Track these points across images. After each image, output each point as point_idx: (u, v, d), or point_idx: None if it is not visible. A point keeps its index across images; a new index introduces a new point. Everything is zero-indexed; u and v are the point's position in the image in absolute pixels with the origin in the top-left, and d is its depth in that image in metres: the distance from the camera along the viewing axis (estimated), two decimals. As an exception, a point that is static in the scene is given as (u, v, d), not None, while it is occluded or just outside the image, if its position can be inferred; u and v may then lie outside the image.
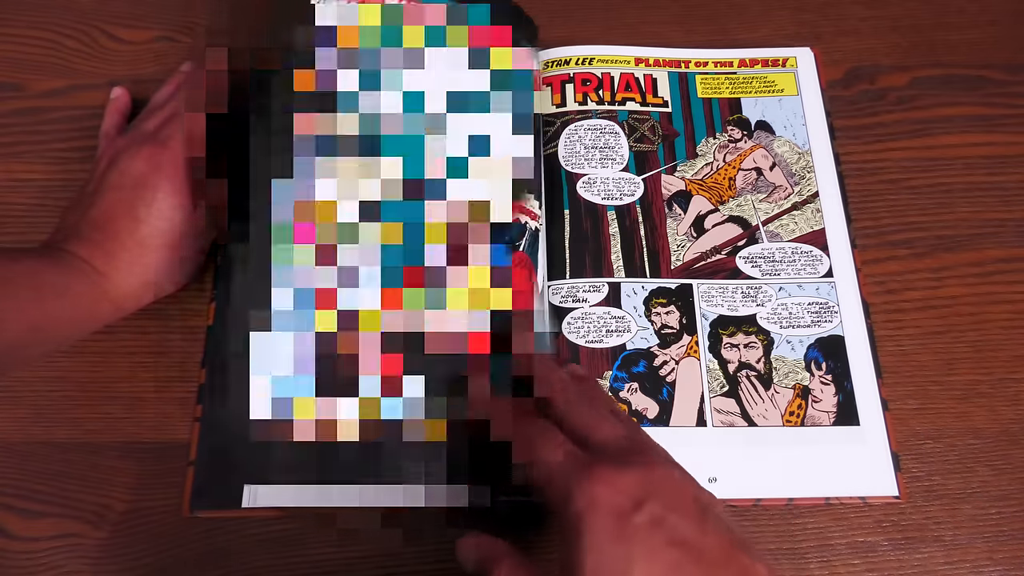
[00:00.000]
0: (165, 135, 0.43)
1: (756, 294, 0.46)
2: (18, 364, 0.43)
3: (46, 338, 0.38)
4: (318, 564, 0.42)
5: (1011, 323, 0.47)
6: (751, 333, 0.45)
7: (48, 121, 0.53)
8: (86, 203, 0.41)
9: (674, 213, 0.49)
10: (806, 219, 0.48)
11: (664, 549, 0.27)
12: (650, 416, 0.43)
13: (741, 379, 0.44)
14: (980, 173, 0.51)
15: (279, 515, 0.42)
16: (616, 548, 0.27)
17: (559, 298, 0.46)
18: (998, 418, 0.45)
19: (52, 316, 0.38)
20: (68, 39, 0.55)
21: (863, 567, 0.42)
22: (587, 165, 0.49)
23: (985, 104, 0.53)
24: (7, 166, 0.51)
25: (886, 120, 0.52)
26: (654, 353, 0.45)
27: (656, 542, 0.27)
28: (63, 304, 0.38)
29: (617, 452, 0.31)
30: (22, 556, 0.42)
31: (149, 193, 0.41)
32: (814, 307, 0.46)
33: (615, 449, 0.32)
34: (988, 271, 0.48)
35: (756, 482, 0.42)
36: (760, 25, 0.56)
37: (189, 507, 0.42)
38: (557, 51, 0.53)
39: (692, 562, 0.27)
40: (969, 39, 0.55)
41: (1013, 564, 0.41)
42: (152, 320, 0.46)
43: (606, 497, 0.28)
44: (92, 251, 0.40)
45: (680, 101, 0.52)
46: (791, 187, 0.49)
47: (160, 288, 0.43)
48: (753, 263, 0.47)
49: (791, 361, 0.45)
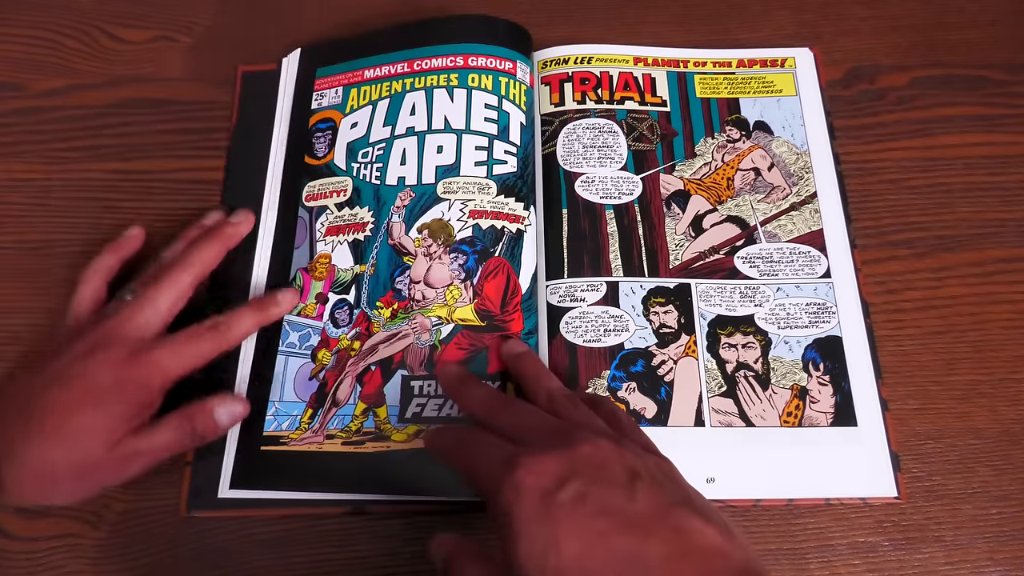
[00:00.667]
0: (151, 357, 0.39)
1: (754, 294, 0.46)
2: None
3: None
4: (318, 564, 0.42)
5: (1011, 323, 0.47)
6: (749, 333, 0.45)
7: (48, 121, 0.53)
8: (39, 382, 0.39)
9: (672, 212, 0.48)
10: (804, 220, 0.48)
11: (589, 520, 0.28)
12: (648, 416, 0.43)
13: (739, 379, 0.44)
14: (980, 173, 0.51)
15: (279, 515, 0.42)
16: (542, 529, 0.28)
17: (557, 297, 0.46)
18: (999, 418, 0.44)
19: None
20: (68, 39, 0.55)
21: (864, 567, 0.41)
22: (585, 164, 0.49)
23: (985, 104, 0.53)
24: (7, 166, 0.52)
25: (886, 120, 0.52)
26: (652, 352, 0.45)
27: (580, 515, 0.28)
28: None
29: (543, 438, 0.32)
30: (22, 556, 0.42)
31: (91, 416, 0.38)
32: (812, 308, 0.46)
33: (541, 436, 0.33)
34: (988, 271, 0.48)
35: (755, 483, 0.42)
36: (760, 25, 0.56)
37: (186, 507, 0.42)
38: (555, 50, 0.53)
39: (618, 528, 0.28)
40: (969, 39, 0.55)
41: (1014, 564, 0.41)
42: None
43: (529, 482, 0.29)
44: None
45: (678, 101, 0.52)
46: (789, 188, 0.49)
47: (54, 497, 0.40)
48: (751, 263, 0.47)
49: (789, 362, 0.44)
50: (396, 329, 0.44)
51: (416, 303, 0.45)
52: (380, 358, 0.44)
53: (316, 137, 0.50)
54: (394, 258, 0.46)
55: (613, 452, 0.31)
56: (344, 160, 0.49)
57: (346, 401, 0.43)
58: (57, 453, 0.37)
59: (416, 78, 0.50)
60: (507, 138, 0.48)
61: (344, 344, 0.45)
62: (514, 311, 0.44)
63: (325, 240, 0.47)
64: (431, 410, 0.42)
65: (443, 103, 0.49)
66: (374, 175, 0.48)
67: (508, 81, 0.50)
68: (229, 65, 0.54)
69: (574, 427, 0.33)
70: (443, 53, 0.50)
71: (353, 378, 0.44)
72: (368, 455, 0.41)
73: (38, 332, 0.47)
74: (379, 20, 0.56)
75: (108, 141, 0.52)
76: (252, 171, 0.50)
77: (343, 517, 0.43)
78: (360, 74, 0.52)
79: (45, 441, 0.37)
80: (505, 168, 0.48)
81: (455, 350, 0.43)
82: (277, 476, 0.42)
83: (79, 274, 0.44)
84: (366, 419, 0.43)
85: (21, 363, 0.42)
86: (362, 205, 0.48)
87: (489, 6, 0.56)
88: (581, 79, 0.52)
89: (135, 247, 0.47)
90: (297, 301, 0.46)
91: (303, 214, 0.48)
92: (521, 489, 0.29)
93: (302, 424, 0.43)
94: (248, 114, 0.52)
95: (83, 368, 0.38)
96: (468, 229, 0.46)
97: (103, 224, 0.50)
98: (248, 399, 0.43)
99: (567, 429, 0.33)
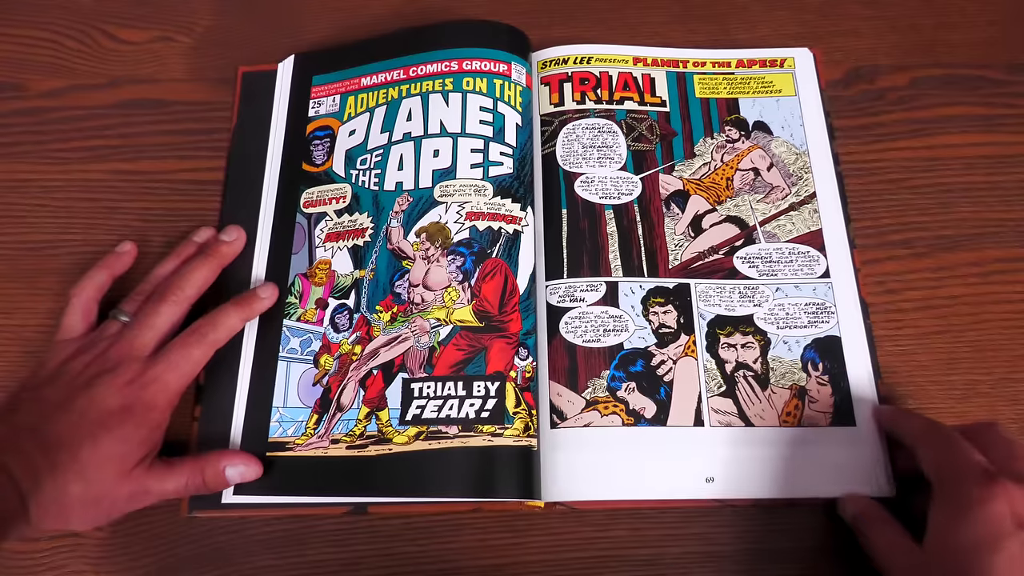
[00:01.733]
0: (153, 376, 0.39)
1: (753, 294, 0.46)
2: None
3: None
4: (318, 564, 0.42)
5: (1011, 323, 0.47)
6: (748, 333, 0.45)
7: (48, 121, 0.53)
8: (43, 410, 0.38)
9: (672, 212, 0.48)
10: (803, 220, 0.48)
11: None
12: (648, 415, 0.43)
13: (738, 379, 0.44)
14: (980, 173, 0.51)
15: (279, 515, 0.43)
16: (989, 554, 0.33)
17: (556, 297, 0.46)
18: (998, 418, 0.44)
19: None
20: (68, 39, 0.55)
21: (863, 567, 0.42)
22: (585, 164, 0.49)
23: (985, 104, 0.53)
24: (7, 166, 0.52)
25: (886, 120, 0.52)
26: (652, 352, 0.45)
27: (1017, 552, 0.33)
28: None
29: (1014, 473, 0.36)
30: (23, 556, 0.42)
31: (105, 445, 0.37)
32: (811, 308, 0.46)
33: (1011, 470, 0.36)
34: (988, 271, 0.48)
35: (755, 483, 0.42)
36: (760, 25, 0.56)
37: (188, 507, 0.42)
38: (555, 50, 0.53)
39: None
40: (969, 39, 0.55)
41: (1012, 565, 0.41)
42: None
43: (1000, 503, 0.33)
44: (24, 471, 0.36)
45: (678, 101, 0.52)
46: (788, 188, 0.49)
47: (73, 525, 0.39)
48: (750, 263, 0.47)
49: (788, 362, 0.45)
50: (396, 332, 0.45)
51: (415, 306, 0.45)
52: (381, 362, 0.44)
53: (314, 144, 0.50)
54: (393, 262, 0.46)
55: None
56: (343, 167, 0.49)
57: (350, 406, 0.43)
58: (75, 486, 0.37)
59: (412, 84, 0.50)
60: (503, 140, 0.48)
61: (346, 349, 0.45)
62: (512, 311, 0.44)
63: (324, 246, 0.47)
64: (431, 411, 0.42)
65: (439, 107, 0.49)
66: (372, 181, 0.48)
67: (503, 83, 0.50)
68: (229, 65, 0.54)
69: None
70: (438, 59, 0.50)
71: (356, 382, 0.44)
72: (371, 459, 0.42)
73: (39, 332, 0.47)
74: (379, 20, 0.56)
75: (108, 141, 0.52)
76: (252, 172, 0.51)
77: (343, 517, 0.43)
78: (357, 82, 0.52)
79: (64, 474, 0.36)
80: (501, 170, 0.48)
81: (454, 351, 0.43)
82: (282, 482, 0.42)
83: (69, 290, 0.44)
84: (369, 423, 0.43)
85: (18, 384, 0.41)
86: (361, 211, 0.48)
87: (489, 7, 0.56)
88: (581, 79, 0.52)
89: (127, 263, 0.47)
90: (277, 294, 0.46)
91: (301, 220, 0.49)
92: (992, 505, 0.33)
93: (308, 430, 0.43)
94: (249, 114, 0.52)
95: (90, 395, 0.38)
96: (465, 231, 0.46)
97: (103, 224, 0.50)
98: (256, 459, 0.42)
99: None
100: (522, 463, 0.41)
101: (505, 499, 0.41)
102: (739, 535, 0.42)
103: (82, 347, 0.41)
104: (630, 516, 0.43)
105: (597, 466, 0.42)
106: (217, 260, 0.46)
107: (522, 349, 0.44)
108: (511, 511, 0.43)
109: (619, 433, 0.43)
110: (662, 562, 0.42)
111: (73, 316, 0.43)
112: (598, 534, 0.42)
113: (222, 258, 0.46)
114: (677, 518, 0.43)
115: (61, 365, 0.40)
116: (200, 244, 0.47)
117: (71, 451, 0.37)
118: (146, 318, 0.42)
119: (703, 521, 0.43)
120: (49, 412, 0.38)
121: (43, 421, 0.38)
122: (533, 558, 0.42)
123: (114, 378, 0.39)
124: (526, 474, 0.41)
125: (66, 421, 0.37)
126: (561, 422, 0.43)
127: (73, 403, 0.38)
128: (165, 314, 0.42)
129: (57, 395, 0.39)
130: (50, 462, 0.36)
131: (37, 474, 0.36)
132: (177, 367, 0.40)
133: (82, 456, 0.37)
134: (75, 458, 0.37)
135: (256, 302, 0.45)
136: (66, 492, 0.36)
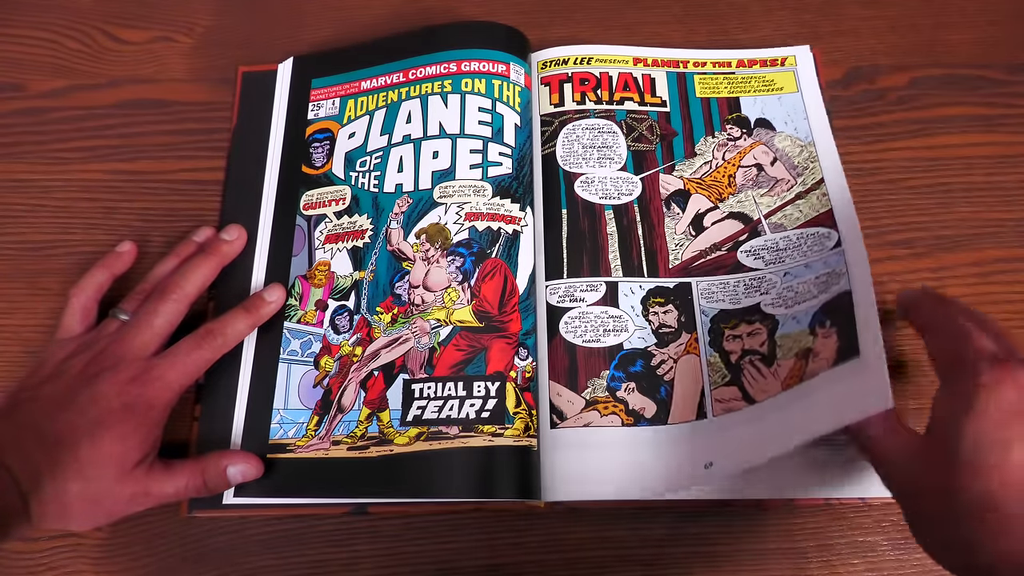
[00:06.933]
0: (155, 374, 0.39)
1: (760, 284, 0.46)
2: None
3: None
4: (318, 564, 0.42)
5: (1011, 323, 0.47)
6: (754, 321, 0.45)
7: (48, 121, 0.53)
8: (43, 409, 0.38)
9: (672, 212, 0.48)
10: (811, 205, 0.47)
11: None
12: (648, 415, 0.43)
13: (744, 365, 0.44)
14: (980, 173, 0.51)
15: (279, 515, 0.43)
16: (1000, 431, 0.31)
17: (556, 297, 0.46)
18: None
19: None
20: (68, 39, 0.56)
21: (863, 567, 0.42)
22: (585, 164, 0.49)
23: (985, 104, 0.53)
24: (8, 167, 0.52)
25: (886, 120, 0.52)
26: (651, 352, 0.45)
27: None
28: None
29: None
30: (23, 556, 0.42)
31: (106, 443, 0.37)
32: (822, 278, 0.44)
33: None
34: (988, 271, 0.48)
35: (753, 456, 0.39)
36: (760, 25, 0.56)
37: (188, 507, 0.42)
38: (555, 51, 0.53)
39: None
40: (969, 39, 0.55)
41: (1012, 564, 0.41)
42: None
43: (1008, 388, 0.32)
44: (25, 469, 0.36)
45: (678, 101, 0.52)
46: (794, 179, 0.48)
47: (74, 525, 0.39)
48: (756, 256, 0.46)
49: (795, 334, 0.43)
50: (397, 334, 0.45)
51: (416, 307, 0.45)
52: (382, 363, 0.44)
53: (314, 147, 0.50)
54: (393, 264, 0.46)
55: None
56: (342, 169, 0.49)
57: (351, 407, 0.43)
58: (75, 484, 0.37)
59: (411, 87, 0.50)
60: (501, 140, 0.48)
61: (346, 350, 0.45)
62: (512, 311, 0.44)
63: (324, 248, 0.48)
64: (431, 412, 0.42)
65: (437, 109, 0.49)
66: (372, 183, 0.48)
67: (501, 83, 0.50)
68: (229, 66, 0.54)
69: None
70: (436, 61, 0.50)
71: (357, 384, 0.44)
72: (372, 459, 0.42)
73: (39, 332, 0.47)
74: (380, 20, 0.56)
75: (108, 142, 0.52)
76: (252, 172, 0.51)
77: (343, 517, 0.43)
78: (356, 85, 0.52)
79: (64, 472, 0.36)
80: (500, 170, 0.48)
81: (454, 351, 0.43)
82: (283, 483, 0.42)
83: (69, 290, 0.44)
84: (370, 424, 0.43)
85: (17, 383, 0.41)
86: (361, 213, 0.48)
87: (489, 7, 0.56)
88: (581, 79, 0.52)
89: (127, 263, 0.47)
90: (285, 296, 0.46)
91: (301, 222, 0.48)
92: (999, 390, 0.32)
93: (308, 431, 0.43)
94: (249, 114, 0.52)
95: (90, 393, 0.38)
96: (464, 232, 0.46)
97: (103, 224, 0.50)
98: (257, 458, 0.42)
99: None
100: (522, 463, 0.41)
101: (505, 499, 0.41)
102: (739, 535, 0.42)
103: (81, 345, 0.41)
104: (630, 516, 0.43)
105: (597, 466, 0.42)
106: (217, 259, 0.46)
107: (522, 349, 0.44)
108: (511, 511, 0.43)
109: (619, 433, 0.43)
110: (662, 562, 0.42)
111: (72, 315, 0.43)
112: (598, 534, 0.42)
113: (223, 257, 0.46)
114: (677, 518, 0.43)
115: (60, 363, 0.40)
116: (200, 243, 0.47)
117: (71, 449, 0.37)
118: (146, 316, 0.41)
119: (703, 521, 0.43)
120: (49, 410, 0.38)
121: (43, 419, 0.37)
122: (533, 558, 0.42)
123: (115, 375, 0.39)
124: (526, 474, 0.41)
125: (66, 419, 0.37)
126: (561, 422, 0.43)
127: (73, 401, 0.38)
128: (165, 313, 0.42)
129: (57, 393, 0.39)
130: (50, 460, 0.36)
131: (38, 473, 0.36)
132: (181, 367, 0.40)
133: (82, 454, 0.37)
134: (75, 456, 0.37)
135: (264, 306, 0.45)
136: (66, 490, 0.36)
